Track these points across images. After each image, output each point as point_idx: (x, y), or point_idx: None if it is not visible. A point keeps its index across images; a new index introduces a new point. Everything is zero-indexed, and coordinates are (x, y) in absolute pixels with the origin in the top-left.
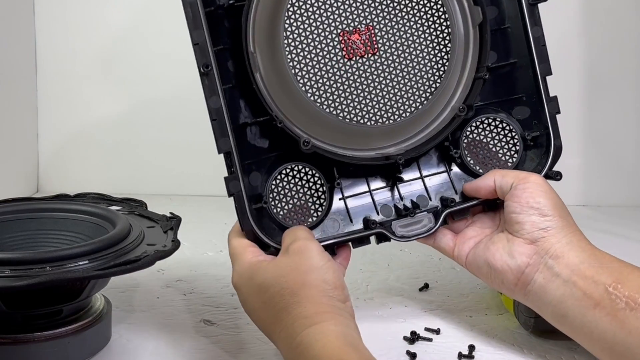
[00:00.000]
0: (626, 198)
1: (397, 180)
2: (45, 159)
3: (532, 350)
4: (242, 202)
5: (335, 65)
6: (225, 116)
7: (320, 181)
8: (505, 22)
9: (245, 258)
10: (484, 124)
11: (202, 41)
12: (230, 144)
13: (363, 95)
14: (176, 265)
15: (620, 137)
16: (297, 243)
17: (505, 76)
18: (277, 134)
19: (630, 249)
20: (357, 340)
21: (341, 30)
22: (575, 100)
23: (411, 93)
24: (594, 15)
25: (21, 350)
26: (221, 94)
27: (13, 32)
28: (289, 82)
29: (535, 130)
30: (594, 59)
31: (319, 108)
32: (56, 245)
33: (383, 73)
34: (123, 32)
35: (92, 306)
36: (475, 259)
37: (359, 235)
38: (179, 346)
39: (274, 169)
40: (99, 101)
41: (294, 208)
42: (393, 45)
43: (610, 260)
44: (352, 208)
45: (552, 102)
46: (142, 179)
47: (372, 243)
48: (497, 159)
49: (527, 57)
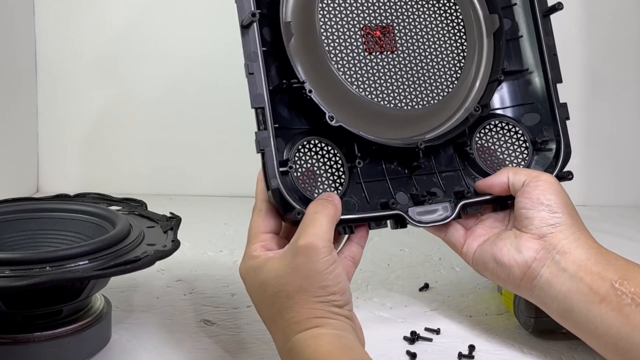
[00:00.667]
0: (626, 198)
1: (414, 169)
2: (45, 159)
3: (532, 350)
4: (271, 159)
5: (361, 48)
6: (262, 71)
7: (341, 160)
8: (518, 32)
9: (253, 249)
10: (497, 127)
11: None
12: (264, 99)
13: (385, 80)
14: (176, 265)
15: (620, 137)
16: (306, 239)
17: (517, 83)
18: (304, 107)
19: (630, 249)
20: (352, 342)
21: (365, 25)
22: (576, 100)
23: (429, 87)
24: (595, 16)
25: (21, 350)
26: (259, 50)
27: (13, 32)
28: (321, 58)
29: (545, 135)
30: (594, 60)
31: (346, 83)
32: (56, 245)
33: (404, 67)
34: (123, 32)
35: (92, 306)
36: (482, 255)
37: (378, 214)
38: (179, 346)
39: (298, 141)
40: (99, 101)
41: (314, 183)
42: (414, 41)
43: (617, 258)
44: (370, 192)
45: (563, 108)
46: (142, 179)
47: (388, 228)
48: (509, 161)
49: (538, 65)
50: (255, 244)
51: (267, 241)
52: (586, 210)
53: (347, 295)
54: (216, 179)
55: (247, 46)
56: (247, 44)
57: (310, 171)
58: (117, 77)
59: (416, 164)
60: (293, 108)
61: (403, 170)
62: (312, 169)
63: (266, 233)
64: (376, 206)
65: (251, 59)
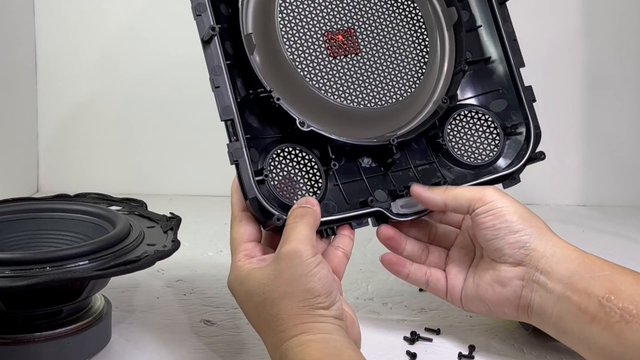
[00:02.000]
0: (626, 198)
1: (390, 166)
2: (45, 159)
3: (532, 351)
4: (246, 169)
5: (325, 53)
6: (227, 84)
7: (317, 164)
8: (476, 23)
9: (237, 259)
10: (467, 116)
11: (205, 12)
12: (233, 111)
13: (352, 81)
14: (176, 265)
15: (620, 137)
16: (289, 246)
17: (481, 72)
18: (274, 115)
19: (630, 249)
20: (342, 343)
21: (327, 30)
22: (575, 100)
23: (397, 85)
24: (595, 16)
25: (21, 350)
26: (223, 64)
27: (13, 32)
28: (286, 66)
29: (514, 120)
30: (594, 59)
31: (313, 88)
32: (56, 245)
33: (370, 67)
34: (123, 32)
35: (92, 306)
36: (471, 301)
37: (358, 213)
38: (179, 346)
39: (271, 150)
40: (99, 101)
41: (292, 189)
42: (377, 42)
43: (601, 267)
44: (348, 192)
45: (528, 91)
46: (142, 179)
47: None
48: (482, 148)
49: (500, 52)
50: (238, 254)
51: (249, 249)
52: (586, 210)
53: (334, 296)
54: (216, 179)
55: (210, 61)
56: (210, 59)
57: (286, 178)
58: (117, 77)
59: (391, 161)
60: (263, 118)
61: (379, 168)
62: (289, 176)
63: (248, 242)
64: (356, 205)
65: (216, 73)
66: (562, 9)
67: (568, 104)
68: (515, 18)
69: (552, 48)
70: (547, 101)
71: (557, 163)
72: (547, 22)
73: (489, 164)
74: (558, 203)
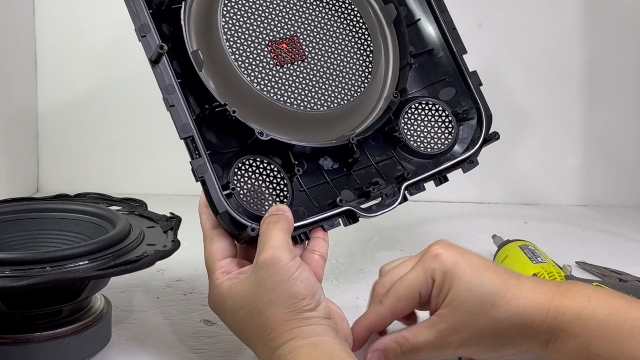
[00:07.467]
0: (626, 198)
1: (352, 165)
2: (45, 159)
3: None
4: (212, 184)
5: (272, 63)
6: (182, 101)
7: (280, 173)
8: (415, 17)
9: (215, 278)
10: (419, 108)
11: (150, 33)
12: (191, 127)
13: (303, 87)
14: (176, 265)
15: (620, 137)
16: (266, 253)
17: (427, 64)
18: (231, 129)
19: (630, 249)
20: (332, 345)
21: (270, 40)
22: (576, 100)
23: (347, 86)
24: (594, 16)
25: (21, 350)
26: (175, 82)
27: (13, 32)
28: (236, 78)
29: (464, 105)
30: (594, 60)
31: (266, 98)
32: (56, 245)
33: (318, 72)
34: (123, 32)
35: (92, 306)
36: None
37: (328, 215)
38: (179, 346)
39: (233, 163)
40: (99, 101)
41: (260, 200)
42: (322, 47)
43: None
44: (315, 196)
45: (474, 76)
46: (142, 179)
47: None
48: (437, 137)
49: (442, 42)
50: (215, 273)
51: (226, 266)
52: (586, 210)
53: (318, 297)
54: None
55: (161, 80)
56: (161, 78)
57: (252, 190)
58: (117, 77)
59: (352, 160)
60: (221, 132)
61: (342, 169)
62: (254, 187)
63: (223, 259)
64: (325, 207)
65: (169, 92)
66: (562, 9)
67: (568, 104)
68: (515, 18)
69: (552, 48)
70: (547, 101)
71: (557, 163)
72: (547, 22)
73: (446, 151)
74: (558, 203)
